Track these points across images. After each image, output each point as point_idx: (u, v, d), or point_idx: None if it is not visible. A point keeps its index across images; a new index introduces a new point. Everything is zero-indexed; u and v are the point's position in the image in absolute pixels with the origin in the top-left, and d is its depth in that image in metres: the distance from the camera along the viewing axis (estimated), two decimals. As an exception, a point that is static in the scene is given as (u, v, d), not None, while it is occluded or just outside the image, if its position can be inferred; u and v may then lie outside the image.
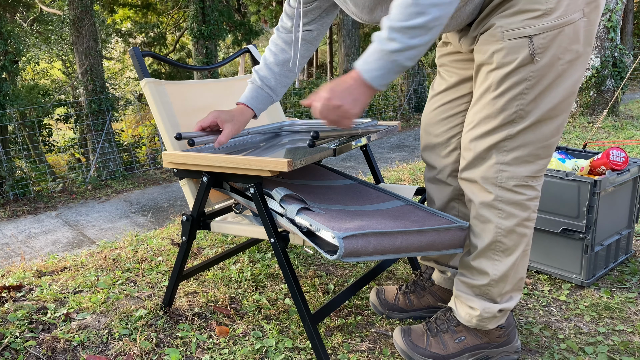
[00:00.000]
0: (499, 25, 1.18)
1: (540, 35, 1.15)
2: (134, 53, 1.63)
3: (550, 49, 1.16)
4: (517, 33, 1.16)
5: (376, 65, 1.14)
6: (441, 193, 1.52)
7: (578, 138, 5.54)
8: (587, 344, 1.52)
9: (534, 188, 1.28)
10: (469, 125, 1.30)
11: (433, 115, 1.49)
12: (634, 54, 11.34)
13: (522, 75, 1.18)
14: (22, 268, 2.12)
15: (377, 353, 1.48)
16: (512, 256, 1.30)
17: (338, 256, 1.15)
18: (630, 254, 2.07)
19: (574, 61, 1.18)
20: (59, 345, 1.52)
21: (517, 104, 1.21)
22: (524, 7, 1.15)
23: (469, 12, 1.24)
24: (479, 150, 1.28)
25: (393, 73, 1.15)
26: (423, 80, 12.74)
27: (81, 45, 8.64)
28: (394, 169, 4.23)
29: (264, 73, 1.59)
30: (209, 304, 1.75)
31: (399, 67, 1.14)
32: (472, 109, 1.29)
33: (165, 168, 7.96)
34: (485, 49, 1.22)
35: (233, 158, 1.34)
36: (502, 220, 1.28)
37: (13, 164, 7.91)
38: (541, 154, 1.25)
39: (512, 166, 1.25)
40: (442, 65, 1.49)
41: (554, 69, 1.17)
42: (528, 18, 1.15)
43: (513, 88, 1.20)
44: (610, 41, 6.80)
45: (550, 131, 1.24)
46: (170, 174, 8.48)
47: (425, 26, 1.08)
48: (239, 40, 13.72)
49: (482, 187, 1.29)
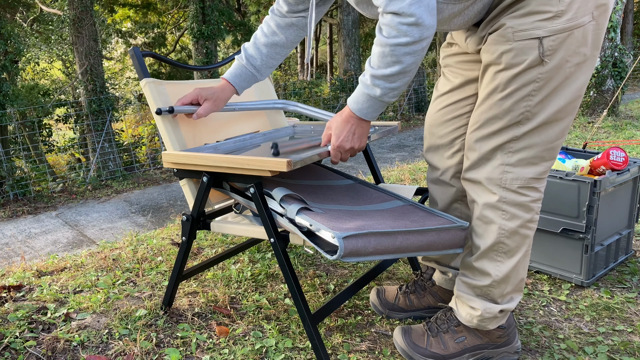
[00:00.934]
0: (509, 26, 1.18)
1: (551, 37, 1.15)
2: (134, 53, 1.63)
3: (559, 51, 1.16)
4: (528, 34, 1.16)
5: (366, 105, 1.28)
6: (444, 194, 1.52)
7: (578, 138, 5.54)
8: (587, 344, 1.52)
9: (537, 190, 1.28)
10: (474, 126, 1.30)
11: (437, 117, 1.49)
12: (634, 54, 11.33)
13: (530, 77, 1.18)
14: (22, 268, 2.12)
15: (377, 353, 1.48)
16: (514, 257, 1.30)
17: (338, 256, 1.15)
18: (630, 254, 2.07)
19: (581, 64, 1.19)
20: (59, 345, 1.52)
21: (524, 106, 1.21)
22: (535, 8, 1.15)
23: (477, 11, 1.24)
24: (484, 151, 1.28)
25: (382, 107, 1.29)
26: (423, 80, 12.74)
27: (81, 45, 8.64)
28: (394, 169, 4.23)
29: (251, 52, 1.62)
30: (209, 304, 1.75)
31: (387, 103, 1.28)
32: (478, 109, 1.29)
33: (165, 168, 7.96)
34: (493, 49, 1.22)
35: (233, 158, 1.34)
36: (505, 221, 1.28)
37: (13, 164, 7.91)
38: (546, 156, 1.25)
39: (517, 167, 1.25)
40: (446, 66, 1.48)
41: (562, 71, 1.18)
42: (539, 20, 1.15)
43: (521, 89, 1.20)
44: (610, 41, 6.80)
45: (555, 133, 1.24)
46: (170, 174, 8.47)
47: (402, 72, 1.19)
48: (239, 40, 13.72)
49: (486, 188, 1.29)
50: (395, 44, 1.15)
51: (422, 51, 1.17)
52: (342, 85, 11.67)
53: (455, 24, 1.28)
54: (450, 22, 1.27)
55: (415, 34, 1.13)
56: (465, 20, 1.27)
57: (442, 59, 1.50)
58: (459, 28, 1.31)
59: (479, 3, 1.23)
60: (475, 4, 1.23)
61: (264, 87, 2.00)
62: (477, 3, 1.23)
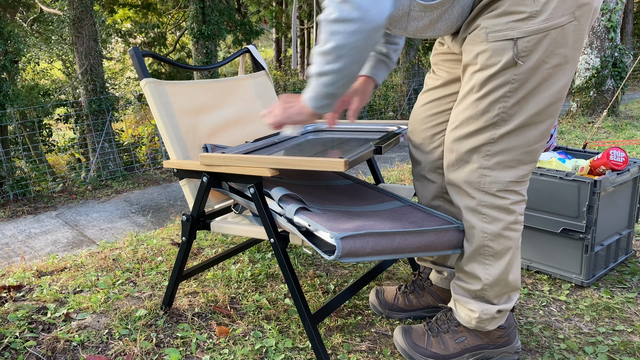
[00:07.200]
0: (483, 26, 1.17)
1: (525, 38, 1.13)
2: (134, 53, 1.63)
3: (535, 53, 1.14)
4: (501, 35, 1.14)
5: (308, 87, 1.25)
6: (425, 189, 1.52)
7: (578, 138, 5.54)
8: (587, 344, 1.52)
9: (518, 193, 1.27)
10: (452, 125, 1.30)
11: (421, 111, 1.49)
12: (634, 54, 11.33)
13: (505, 78, 1.17)
14: (22, 268, 2.13)
15: (377, 353, 1.48)
16: (503, 259, 1.29)
17: (336, 256, 1.15)
18: (630, 254, 2.07)
19: (561, 66, 1.16)
20: (59, 345, 1.52)
21: (500, 107, 1.19)
22: (509, 8, 1.13)
23: (457, 14, 1.23)
24: (461, 152, 1.27)
25: (320, 93, 1.23)
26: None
27: (81, 45, 8.64)
28: (394, 169, 4.23)
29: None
30: (209, 304, 1.75)
31: (325, 91, 1.22)
32: (456, 109, 1.29)
33: (165, 168, 7.96)
34: (470, 49, 1.21)
35: (291, 159, 1.29)
36: (486, 224, 1.27)
37: (13, 164, 7.91)
38: (525, 159, 1.23)
39: (494, 171, 1.24)
40: (435, 64, 1.49)
41: (538, 73, 1.15)
42: (513, 20, 1.13)
43: (495, 90, 1.18)
44: (610, 41, 6.80)
45: (534, 137, 1.21)
46: (170, 174, 8.47)
47: (335, 52, 1.14)
48: (239, 40, 13.71)
49: (465, 192, 1.28)
50: (328, 20, 1.12)
51: (356, 35, 1.11)
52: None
53: (439, 29, 1.26)
54: (434, 28, 1.26)
55: (345, 11, 1.09)
56: (448, 25, 1.25)
57: (432, 57, 1.51)
58: (445, 33, 1.30)
59: (456, 6, 1.21)
60: (452, 8, 1.21)
61: (264, 86, 2.00)
62: (455, 6, 1.21)
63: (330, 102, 1.25)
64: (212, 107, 1.77)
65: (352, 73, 1.19)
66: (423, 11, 1.21)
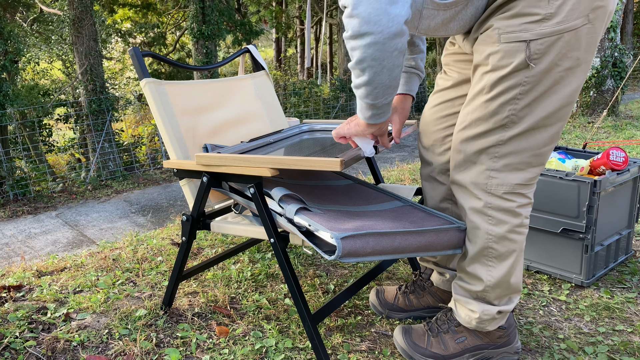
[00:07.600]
0: (496, 27, 1.16)
1: (538, 40, 1.12)
2: (134, 53, 1.63)
3: (547, 55, 1.13)
4: (514, 37, 1.13)
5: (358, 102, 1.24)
6: (434, 191, 1.52)
7: (578, 138, 5.54)
8: (587, 344, 1.52)
9: (525, 195, 1.26)
10: (460, 125, 1.29)
11: (432, 112, 1.49)
12: (634, 54, 11.33)
13: (516, 80, 1.16)
14: (22, 268, 2.12)
15: (377, 353, 1.48)
16: (506, 262, 1.29)
17: (336, 256, 1.15)
18: (630, 254, 2.07)
19: (573, 69, 1.15)
20: (59, 345, 1.52)
21: (510, 109, 1.18)
22: (523, 10, 1.12)
23: (470, 14, 1.22)
24: (469, 153, 1.26)
25: (365, 105, 1.21)
26: (423, 80, 12.74)
27: (81, 45, 8.64)
28: (394, 169, 4.23)
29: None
30: (209, 304, 1.75)
31: (366, 102, 1.20)
32: (465, 109, 1.28)
33: (165, 168, 7.96)
34: (481, 49, 1.20)
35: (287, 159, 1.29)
36: (492, 226, 1.27)
37: (13, 164, 7.91)
38: (533, 162, 1.23)
39: (502, 173, 1.23)
40: (446, 65, 1.48)
41: (550, 75, 1.14)
42: (526, 22, 1.12)
43: (506, 92, 1.17)
44: (610, 41, 6.80)
45: (543, 139, 1.21)
46: (170, 174, 8.47)
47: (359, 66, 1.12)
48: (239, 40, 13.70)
49: (471, 193, 1.28)
50: (345, 37, 1.11)
51: (372, 47, 1.09)
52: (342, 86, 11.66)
53: (452, 29, 1.26)
54: (447, 28, 1.25)
55: (355, 27, 1.08)
56: (461, 25, 1.25)
57: (443, 57, 1.50)
58: (458, 32, 1.29)
59: (471, 7, 1.20)
60: (467, 8, 1.20)
61: (264, 86, 2.00)
62: (469, 7, 1.20)
63: (376, 112, 1.22)
64: (212, 107, 1.77)
65: (384, 82, 1.15)
66: (436, 10, 1.20)
